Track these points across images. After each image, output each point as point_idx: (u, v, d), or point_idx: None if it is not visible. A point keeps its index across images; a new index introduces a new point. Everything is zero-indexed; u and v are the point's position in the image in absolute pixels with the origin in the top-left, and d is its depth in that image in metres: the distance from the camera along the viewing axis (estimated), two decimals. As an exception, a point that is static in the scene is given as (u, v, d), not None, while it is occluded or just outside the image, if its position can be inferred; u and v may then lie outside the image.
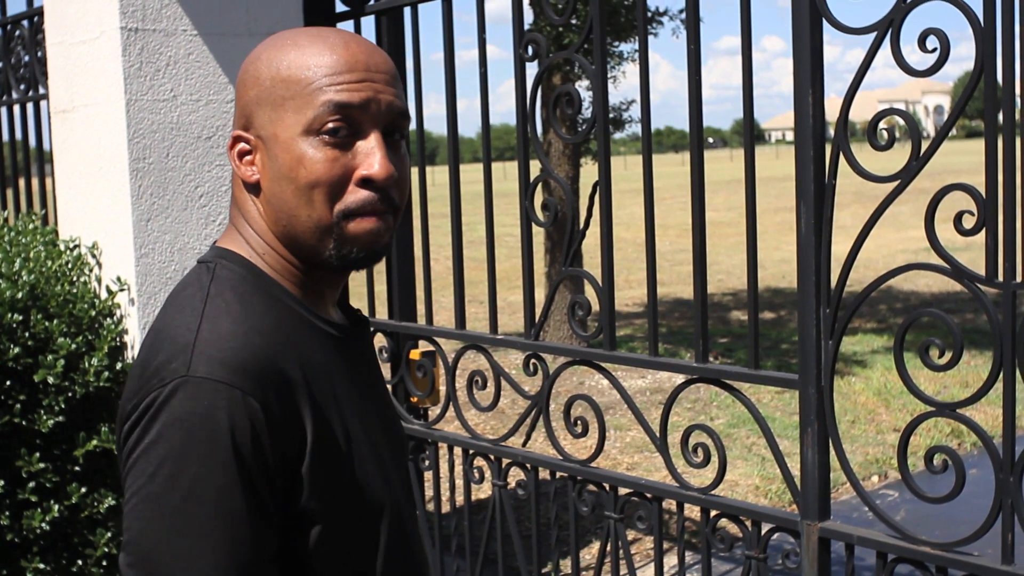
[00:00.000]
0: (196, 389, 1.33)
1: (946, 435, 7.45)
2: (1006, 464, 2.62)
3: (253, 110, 1.50)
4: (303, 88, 1.45)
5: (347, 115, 1.45)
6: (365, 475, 1.50)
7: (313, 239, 1.48)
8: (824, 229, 2.88)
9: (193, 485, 1.31)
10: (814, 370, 2.93)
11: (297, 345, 1.46)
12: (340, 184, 1.46)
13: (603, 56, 3.37)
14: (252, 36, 3.90)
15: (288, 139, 1.46)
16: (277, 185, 1.48)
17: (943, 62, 2.63)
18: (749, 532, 3.17)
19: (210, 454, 1.32)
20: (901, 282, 15.12)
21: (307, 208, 1.46)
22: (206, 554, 1.31)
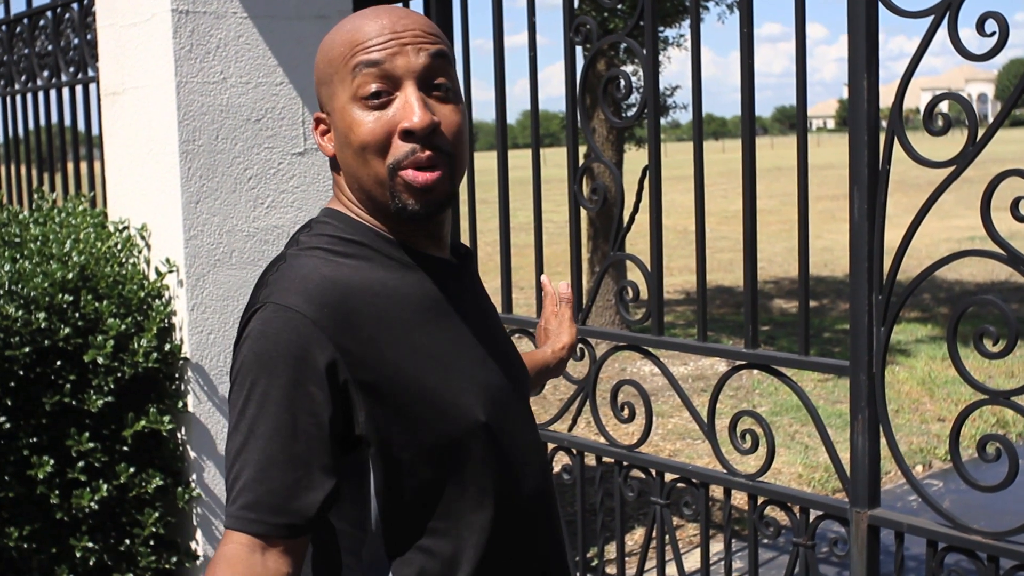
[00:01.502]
0: (271, 313, 1.53)
1: (991, 425, 7.39)
2: (1061, 453, 2.59)
3: (320, 92, 1.66)
4: (340, 62, 1.60)
5: (380, 74, 1.57)
6: (448, 397, 1.61)
7: (377, 194, 1.62)
8: (878, 215, 2.86)
9: (261, 397, 1.50)
10: (866, 356, 2.91)
11: (382, 279, 1.61)
12: (386, 141, 1.58)
13: (654, 40, 3.35)
14: (301, 19, 3.90)
15: (340, 110, 1.61)
16: (342, 153, 1.64)
17: (1002, 46, 2.60)
18: (797, 519, 3.15)
19: (274, 369, 1.50)
20: (945, 271, 14.99)
21: (364, 168, 1.61)
22: (256, 448, 1.50)
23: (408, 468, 1.59)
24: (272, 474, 1.50)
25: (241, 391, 1.53)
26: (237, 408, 1.53)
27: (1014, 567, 2.70)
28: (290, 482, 1.50)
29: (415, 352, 1.59)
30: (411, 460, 1.58)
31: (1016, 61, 77.58)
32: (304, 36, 3.91)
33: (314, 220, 1.71)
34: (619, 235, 3.54)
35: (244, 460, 1.51)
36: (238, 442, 1.52)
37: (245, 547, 1.49)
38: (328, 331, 1.52)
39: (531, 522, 1.74)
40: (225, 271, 3.76)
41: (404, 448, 1.58)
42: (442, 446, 1.60)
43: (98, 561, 3.55)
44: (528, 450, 1.76)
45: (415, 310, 1.62)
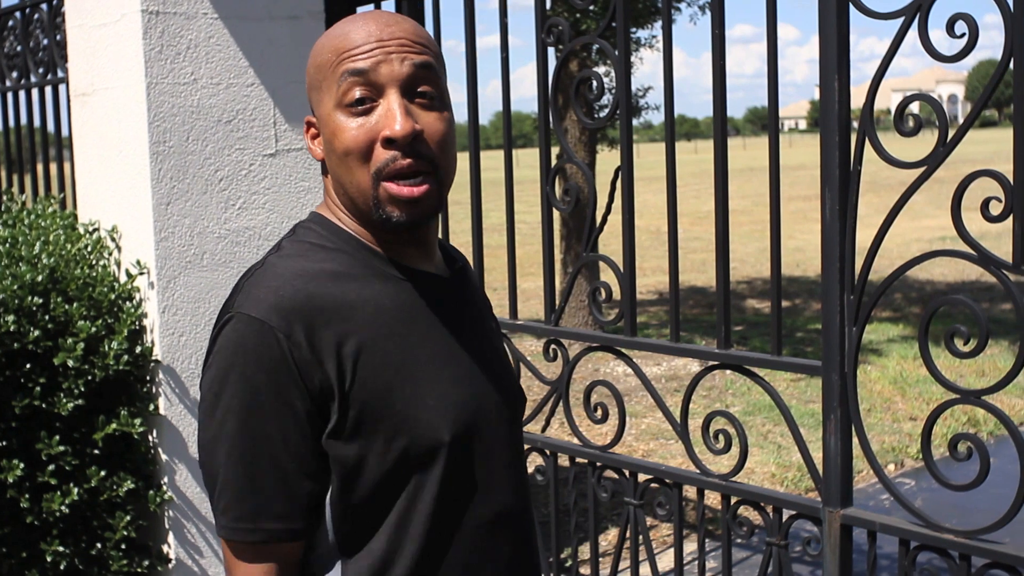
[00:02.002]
0: (238, 322, 1.55)
1: (962, 424, 7.43)
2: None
3: (310, 96, 1.67)
4: (328, 69, 1.61)
5: (365, 82, 1.58)
6: (412, 413, 1.60)
7: (360, 202, 1.63)
8: (849, 215, 2.87)
9: (228, 402, 1.54)
10: (837, 356, 2.92)
11: (356, 290, 1.61)
12: (368, 148, 1.58)
13: (626, 41, 3.35)
14: (272, 20, 3.89)
15: (326, 116, 1.62)
16: (329, 159, 1.64)
17: (971, 47, 2.61)
18: (770, 519, 3.16)
19: (241, 377, 1.53)
20: (916, 271, 15.05)
21: (348, 175, 1.61)
22: (234, 460, 1.54)
23: (363, 479, 1.59)
24: (261, 484, 1.54)
25: (216, 402, 1.56)
26: (214, 421, 1.56)
27: (985, 565, 2.72)
28: (281, 489, 1.55)
29: (385, 365, 1.59)
30: (367, 472, 1.59)
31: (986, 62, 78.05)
32: (275, 37, 3.89)
33: (299, 225, 1.72)
34: (591, 236, 3.54)
35: (228, 472, 1.56)
36: (219, 455, 1.56)
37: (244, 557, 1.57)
38: (296, 342, 1.53)
39: (489, 541, 1.72)
40: (196, 273, 3.74)
41: (362, 460, 1.58)
42: (399, 461, 1.60)
43: (69, 565, 3.52)
44: (499, 472, 1.73)
45: (390, 322, 1.62)
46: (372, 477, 1.59)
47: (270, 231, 3.89)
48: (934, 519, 2.83)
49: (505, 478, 1.75)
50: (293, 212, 3.95)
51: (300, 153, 3.97)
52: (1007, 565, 2.67)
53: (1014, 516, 2.64)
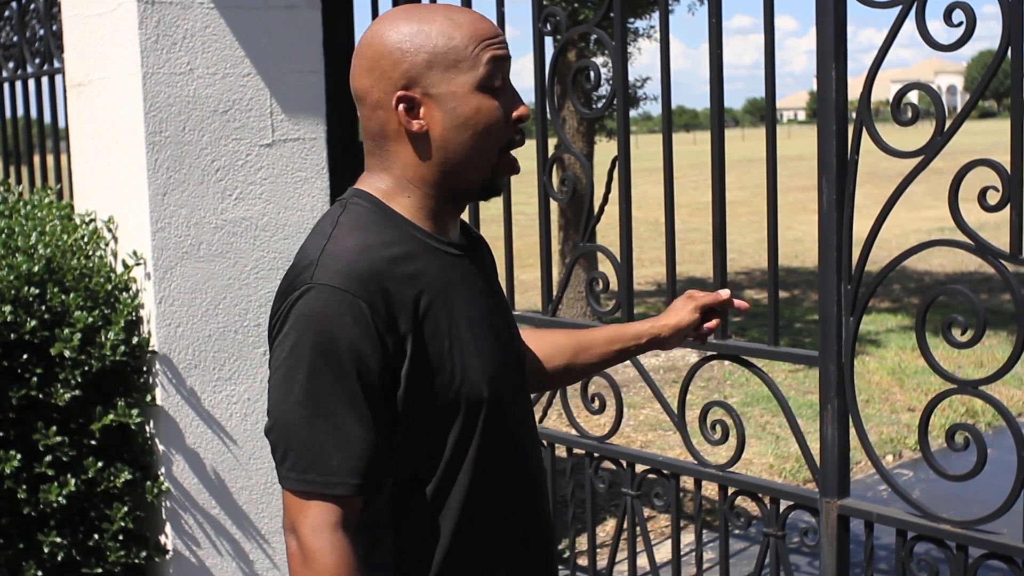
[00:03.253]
0: (318, 292, 1.69)
1: (960, 415, 7.43)
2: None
3: (422, 73, 1.79)
4: (466, 51, 1.79)
5: (503, 69, 1.83)
6: (465, 373, 1.79)
7: (474, 172, 1.85)
8: (846, 205, 2.86)
9: (312, 369, 1.67)
10: (835, 347, 2.92)
11: (411, 262, 1.78)
12: (504, 124, 1.84)
13: (623, 30, 3.35)
14: (269, 9, 3.87)
15: (465, 93, 1.79)
16: (454, 132, 1.81)
17: (969, 36, 2.61)
18: (767, 510, 3.16)
19: (324, 345, 1.67)
20: (915, 262, 15.06)
21: (483, 146, 1.82)
22: (321, 419, 1.68)
23: (416, 431, 1.77)
24: (337, 442, 1.69)
25: (298, 365, 1.69)
26: (296, 383, 1.69)
27: (983, 555, 2.72)
28: (354, 449, 1.69)
29: (440, 329, 1.77)
30: (419, 425, 1.77)
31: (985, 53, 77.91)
32: (272, 26, 3.88)
33: (349, 202, 1.85)
34: (589, 226, 3.54)
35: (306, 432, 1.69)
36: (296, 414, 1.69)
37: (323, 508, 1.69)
38: (378, 310, 1.69)
39: (516, 491, 1.93)
40: (193, 263, 3.73)
41: (417, 414, 1.76)
42: (448, 415, 1.78)
43: (66, 556, 3.52)
44: (522, 428, 1.96)
45: (441, 288, 1.80)
46: (422, 428, 1.77)
47: (267, 221, 3.88)
48: (931, 509, 2.83)
49: (527, 433, 1.98)
50: (290, 202, 3.94)
51: (297, 143, 3.96)
52: (1004, 556, 2.68)
53: (1011, 506, 2.64)
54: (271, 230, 3.89)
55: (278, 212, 3.92)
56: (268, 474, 3.90)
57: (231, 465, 3.83)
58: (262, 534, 3.91)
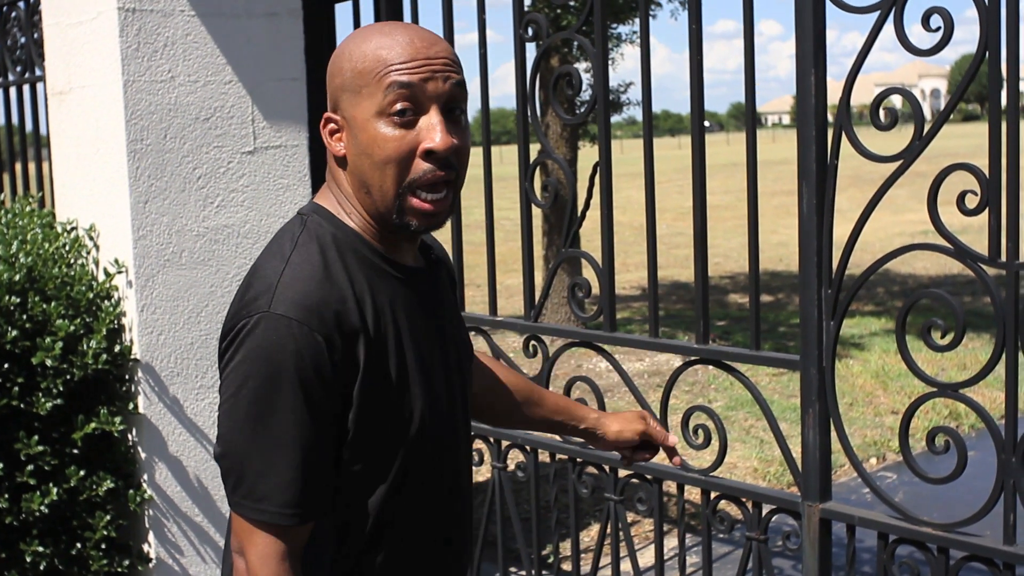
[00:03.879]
0: (275, 323, 1.66)
1: (944, 417, 7.45)
2: (1008, 445, 2.61)
3: (339, 95, 1.77)
4: (371, 76, 1.71)
5: (410, 95, 1.70)
6: (410, 401, 1.80)
7: (383, 207, 1.75)
8: (826, 210, 2.87)
9: (263, 399, 1.66)
10: (815, 351, 2.93)
11: (366, 289, 1.75)
12: (408, 158, 1.72)
13: (604, 36, 3.35)
14: (251, 17, 3.87)
15: (364, 120, 1.73)
16: (358, 160, 1.75)
17: (947, 41, 2.62)
18: (750, 514, 3.16)
19: (276, 377, 1.65)
20: (898, 265, 15.11)
21: (380, 179, 1.73)
22: (275, 451, 1.67)
23: (360, 455, 1.77)
24: (300, 476, 1.69)
25: (242, 391, 1.68)
26: (240, 405, 1.68)
27: (964, 558, 2.73)
28: (306, 482, 1.70)
29: (390, 354, 1.77)
30: (362, 450, 1.77)
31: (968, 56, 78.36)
32: (253, 34, 3.88)
33: (308, 219, 1.82)
34: (571, 232, 3.54)
35: (252, 457, 1.69)
36: (242, 439, 1.69)
37: (272, 538, 1.70)
38: (329, 339, 1.68)
39: (443, 511, 1.95)
40: (175, 271, 3.73)
41: (361, 440, 1.76)
42: (387, 447, 1.79)
43: (49, 565, 3.51)
44: (457, 458, 1.97)
45: (391, 315, 1.79)
46: (369, 452, 1.78)
47: (249, 229, 3.88)
48: (913, 512, 2.84)
49: (467, 467, 2.02)
50: (272, 209, 3.94)
51: (279, 151, 3.96)
52: (985, 558, 2.69)
53: (991, 509, 2.65)
54: (253, 237, 3.89)
55: (260, 219, 3.92)
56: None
57: (214, 473, 3.83)
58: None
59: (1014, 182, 2.54)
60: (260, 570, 1.70)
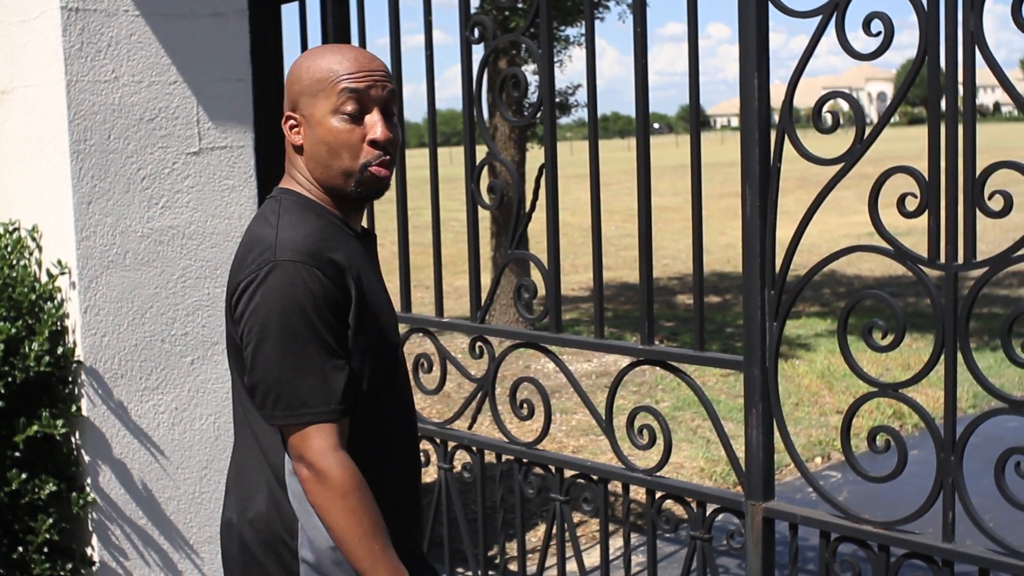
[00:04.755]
0: (284, 267, 2.08)
1: (888, 417, 7.53)
2: (947, 444, 2.65)
3: (299, 99, 2.24)
4: (327, 83, 2.20)
5: (357, 98, 2.19)
6: (387, 323, 2.28)
7: (340, 181, 2.22)
8: (769, 212, 2.90)
9: (287, 328, 2.06)
10: (759, 351, 2.95)
11: (339, 243, 2.19)
12: (357, 146, 2.20)
13: (549, 39, 3.37)
14: (196, 17, 3.85)
15: (320, 117, 2.21)
16: (316, 147, 2.22)
17: (887, 46, 2.65)
18: (694, 513, 3.19)
19: (296, 306, 2.06)
20: (845, 266, 15.25)
21: (337, 162, 2.21)
22: (302, 366, 2.06)
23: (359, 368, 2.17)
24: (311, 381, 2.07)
25: (271, 320, 2.06)
26: (271, 335, 2.06)
27: (904, 555, 2.76)
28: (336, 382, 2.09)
29: (366, 290, 2.20)
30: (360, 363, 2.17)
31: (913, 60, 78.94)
32: (199, 34, 3.86)
33: (281, 198, 2.25)
34: (516, 233, 3.55)
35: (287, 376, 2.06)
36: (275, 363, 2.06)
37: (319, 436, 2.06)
38: (330, 277, 2.10)
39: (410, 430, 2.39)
40: (119, 272, 3.70)
41: (359, 354, 2.16)
42: (373, 364, 2.21)
43: (-10, 569, 3.48)
44: (408, 384, 2.43)
45: (360, 264, 2.22)
46: (372, 363, 2.20)
47: (194, 230, 3.86)
48: (854, 511, 2.87)
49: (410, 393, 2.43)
50: (218, 210, 3.92)
51: (224, 151, 3.94)
52: (924, 555, 2.72)
53: (930, 507, 2.69)
54: (198, 238, 3.87)
55: (205, 220, 3.90)
56: (196, 483, 3.88)
57: (159, 475, 3.80)
58: (190, 544, 3.88)
59: (952, 185, 2.58)
60: (321, 463, 2.04)
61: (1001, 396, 2.60)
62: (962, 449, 2.65)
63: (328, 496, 2.04)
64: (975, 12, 2.51)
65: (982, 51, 2.52)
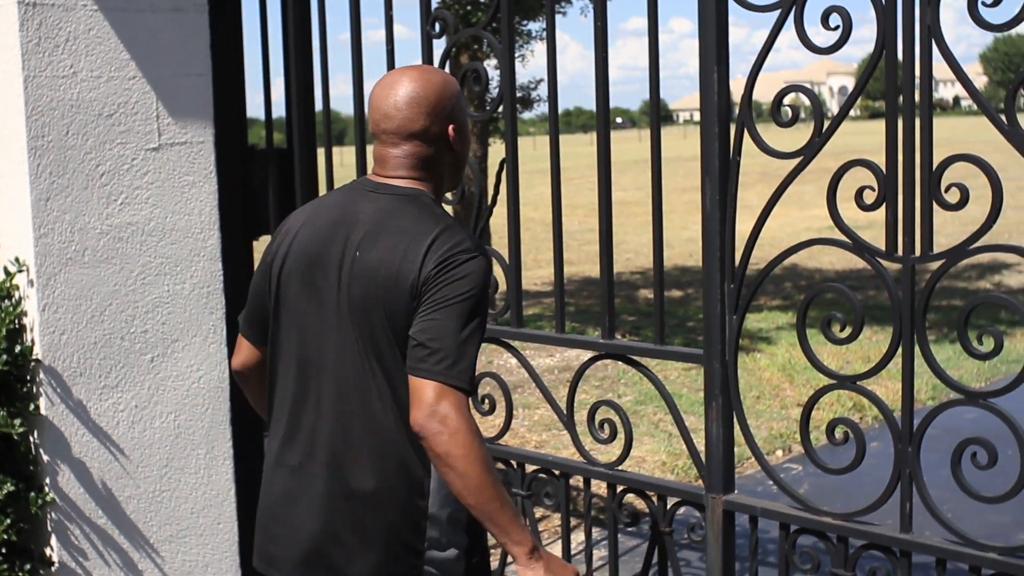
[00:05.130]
0: (485, 257, 2.42)
1: (849, 409, 7.57)
2: (904, 435, 2.67)
3: (455, 112, 2.52)
4: (464, 99, 2.58)
5: None
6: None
7: (461, 177, 2.67)
8: (728, 205, 2.91)
9: (477, 306, 2.36)
10: (719, 345, 2.97)
11: None
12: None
13: (510, 33, 3.37)
14: (155, 12, 3.82)
15: (466, 126, 2.56)
16: (464, 150, 2.57)
17: (845, 40, 2.67)
18: (655, 506, 3.20)
19: (485, 293, 2.39)
20: (806, 260, 15.33)
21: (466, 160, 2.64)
22: (472, 341, 2.35)
23: None
24: (476, 359, 2.37)
25: (472, 297, 2.35)
26: (467, 310, 2.34)
27: (862, 546, 2.78)
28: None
29: None
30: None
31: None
32: (157, 29, 3.83)
33: (421, 195, 2.51)
34: (477, 228, 3.55)
35: (471, 348, 2.35)
36: (468, 336, 2.35)
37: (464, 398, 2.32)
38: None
39: None
40: (77, 270, 3.68)
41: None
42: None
43: (-52, 569, 3.45)
44: None
45: None
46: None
47: (154, 226, 3.83)
48: (814, 503, 2.89)
49: None
50: (177, 207, 3.89)
51: (184, 147, 3.92)
52: (882, 546, 2.75)
53: (888, 498, 2.72)
54: (158, 235, 3.85)
55: (165, 216, 3.87)
56: (156, 482, 3.86)
57: (118, 474, 3.78)
58: (151, 543, 3.86)
59: (910, 178, 2.60)
60: (457, 417, 2.27)
61: (958, 387, 2.63)
62: (919, 440, 2.67)
63: (474, 447, 2.25)
64: (932, 7, 2.53)
65: (939, 45, 2.54)
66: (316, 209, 2.61)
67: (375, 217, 2.46)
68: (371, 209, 2.48)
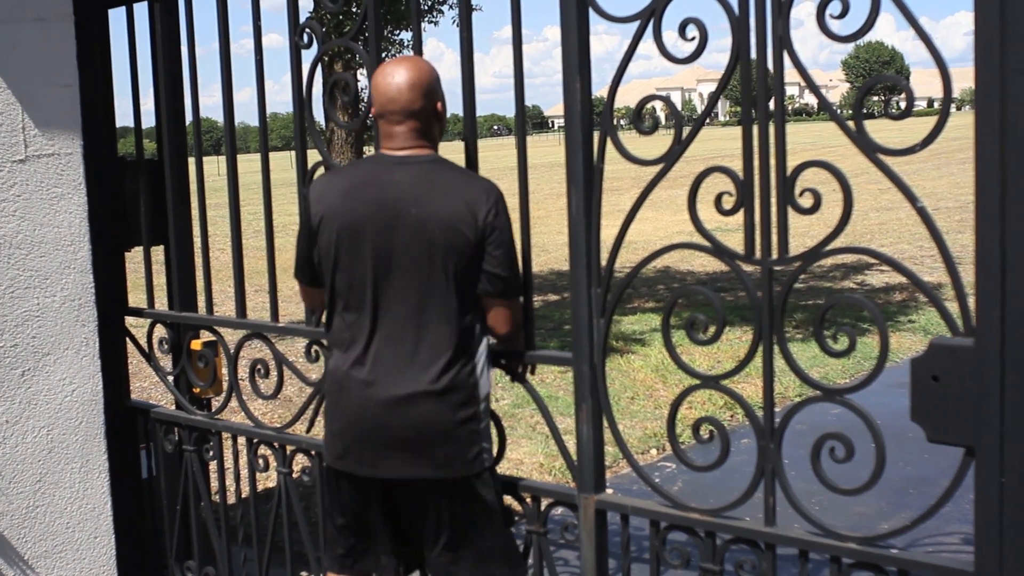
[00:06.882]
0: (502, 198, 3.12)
1: (719, 408, 7.72)
2: (766, 432, 2.76)
3: (440, 93, 3.18)
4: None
5: None
6: None
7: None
8: (594, 211, 2.98)
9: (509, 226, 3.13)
10: (587, 348, 3.03)
11: None
12: None
13: (377, 43, 3.40)
14: (17, 22, 3.77)
15: (445, 103, 3.20)
16: (445, 121, 3.23)
17: (702, 50, 2.75)
18: (530, 508, 3.26)
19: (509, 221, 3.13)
20: (679, 262, 15.58)
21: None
22: (516, 264, 3.16)
23: None
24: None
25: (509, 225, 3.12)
26: (514, 247, 3.14)
27: (729, 540, 2.87)
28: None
29: None
30: None
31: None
32: (20, 39, 3.79)
33: (440, 158, 3.16)
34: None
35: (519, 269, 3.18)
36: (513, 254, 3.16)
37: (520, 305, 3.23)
38: None
39: None
40: (-58, 284, 3.62)
41: None
42: None
43: None
44: None
45: None
46: None
47: (21, 239, 3.78)
48: (683, 500, 2.97)
49: None
50: (46, 219, 3.85)
51: (52, 159, 3.88)
52: (749, 540, 2.83)
53: (752, 494, 2.80)
54: (26, 248, 3.80)
55: (33, 229, 3.83)
56: (30, 497, 3.81)
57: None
58: (25, 559, 3.81)
59: (766, 183, 2.69)
60: (520, 317, 3.21)
61: (815, 384, 2.72)
62: (781, 437, 2.76)
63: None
64: (783, 17, 2.62)
65: (790, 55, 2.63)
66: (350, 181, 3.16)
67: (415, 182, 3.07)
68: (407, 177, 3.08)
